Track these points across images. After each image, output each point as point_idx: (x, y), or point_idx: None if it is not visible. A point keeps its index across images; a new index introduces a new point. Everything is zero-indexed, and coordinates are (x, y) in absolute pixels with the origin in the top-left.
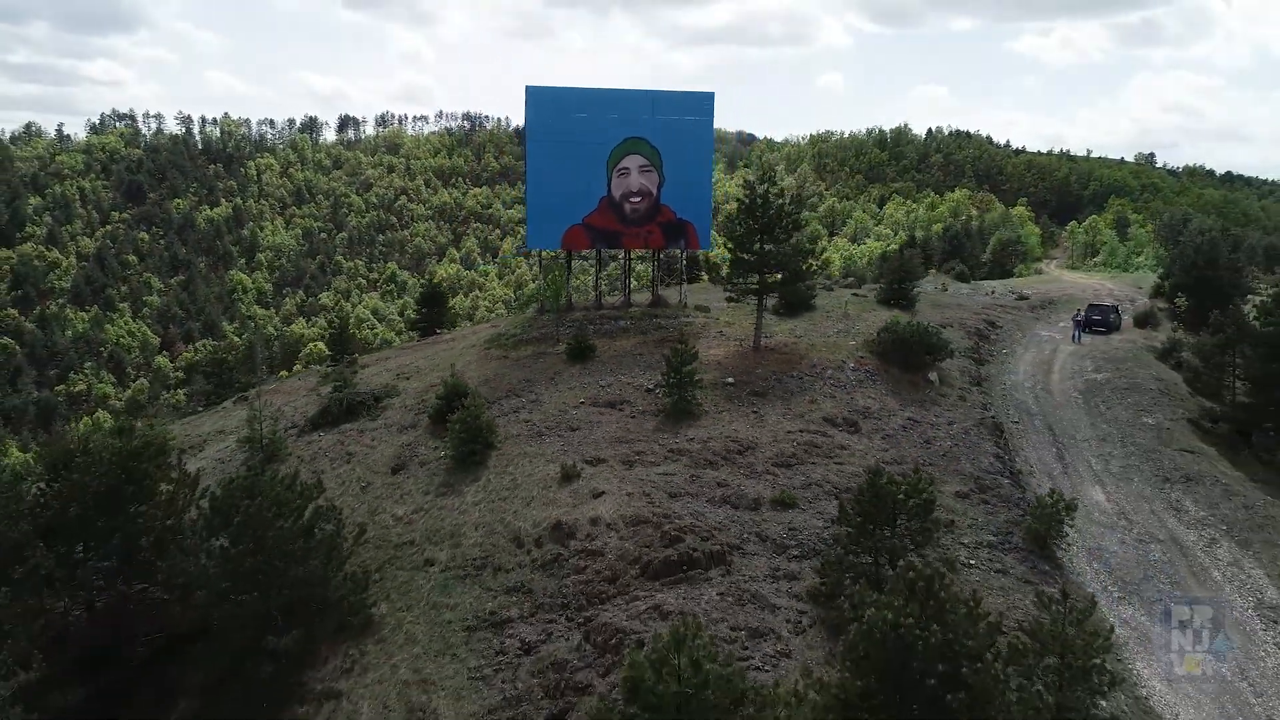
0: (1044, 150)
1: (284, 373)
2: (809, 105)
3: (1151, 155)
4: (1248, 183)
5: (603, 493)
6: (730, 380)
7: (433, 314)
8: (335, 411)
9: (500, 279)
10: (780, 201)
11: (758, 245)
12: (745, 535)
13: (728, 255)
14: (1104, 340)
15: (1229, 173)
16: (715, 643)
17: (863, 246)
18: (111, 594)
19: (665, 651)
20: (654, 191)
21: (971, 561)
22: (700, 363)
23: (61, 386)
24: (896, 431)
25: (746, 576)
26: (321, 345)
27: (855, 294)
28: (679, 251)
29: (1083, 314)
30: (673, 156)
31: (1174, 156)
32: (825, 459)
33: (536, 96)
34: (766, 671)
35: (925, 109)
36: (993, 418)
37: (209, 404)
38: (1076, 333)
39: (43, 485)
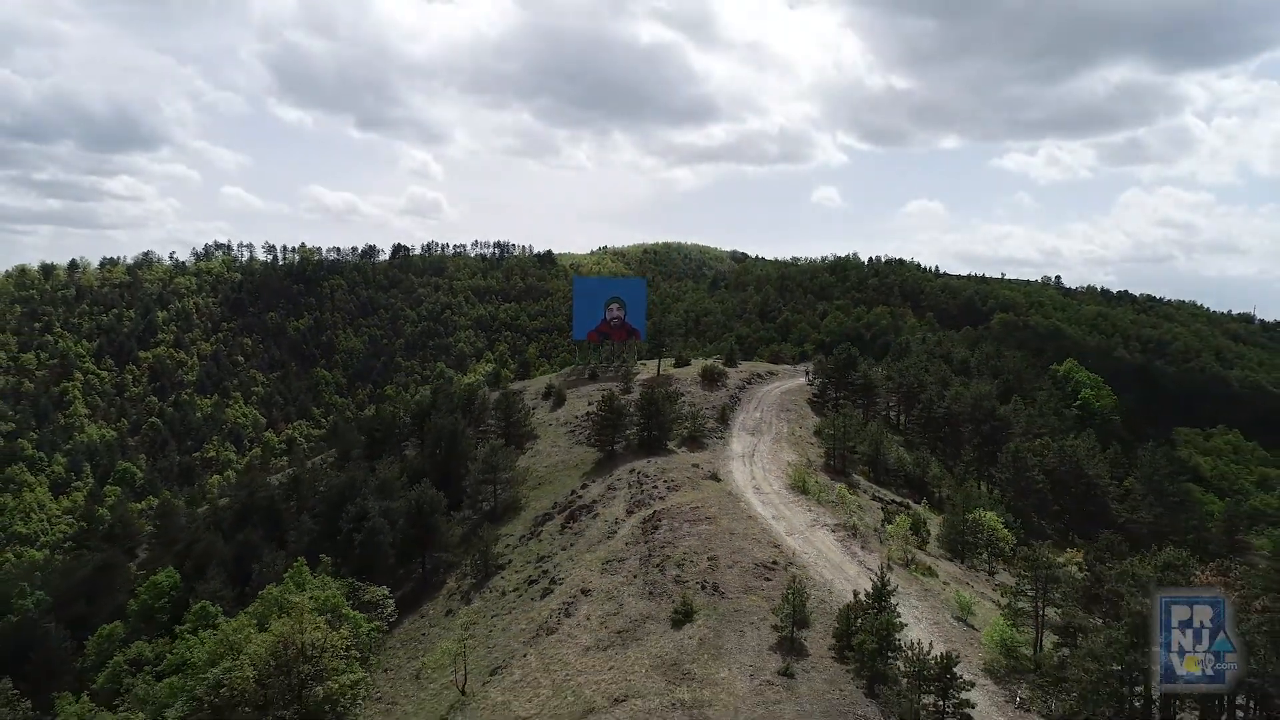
0: (962, 274)
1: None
2: (807, 218)
3: (1058, 278)
4: (1133, 300)
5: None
6: (644, 382)
7: (523, 370)
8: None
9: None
10: (663, 324)
11: (660, 339)
12: None
13: (649, 342)
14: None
15: (1124, 291)
16: None
17: (799, 348)
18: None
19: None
20: (623, 316)
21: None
22: (635, 377)
23: (197, 454)
24: (699, 399)
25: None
26: None
27: (717, 359)
28: (634, 342)
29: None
30: (630, 302)
31: (1168, 270)
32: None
33: (580, 283)
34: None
35: (922, 222)
36: (737, 397)
37: None
38: (808, 378)
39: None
